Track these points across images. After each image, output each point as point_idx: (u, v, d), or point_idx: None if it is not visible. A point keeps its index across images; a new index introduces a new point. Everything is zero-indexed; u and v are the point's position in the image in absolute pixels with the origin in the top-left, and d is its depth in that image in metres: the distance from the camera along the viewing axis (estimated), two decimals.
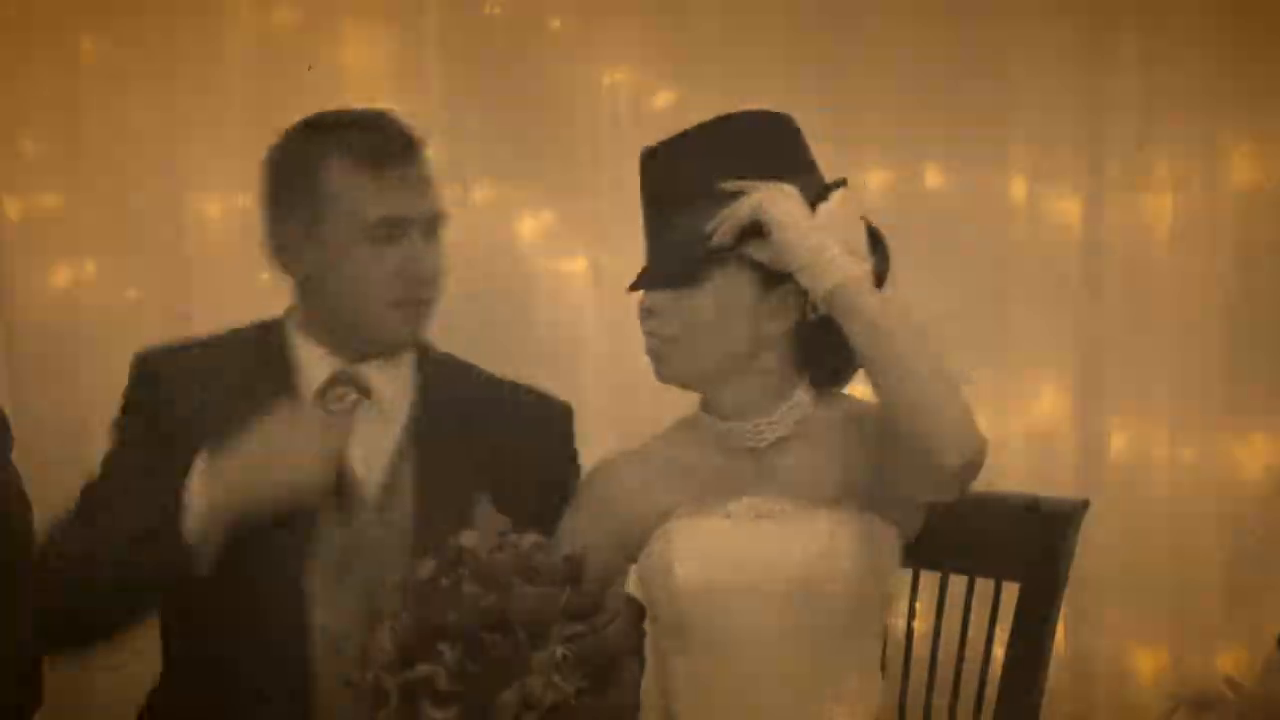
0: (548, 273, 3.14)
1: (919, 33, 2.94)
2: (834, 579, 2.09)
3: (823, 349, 2.14)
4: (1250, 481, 2.89)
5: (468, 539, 1.86)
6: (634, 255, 2.20)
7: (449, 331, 3.09)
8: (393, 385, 2.31)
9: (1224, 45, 2.82)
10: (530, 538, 1.87)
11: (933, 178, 2.98)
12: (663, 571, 2.11)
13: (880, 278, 2.14)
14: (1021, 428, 2.97)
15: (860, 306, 2.00)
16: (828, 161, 2.77)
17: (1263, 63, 2.82)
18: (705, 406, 2.19)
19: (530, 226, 3.14)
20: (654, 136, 3.03)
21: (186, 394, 2.27)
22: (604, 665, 1.80)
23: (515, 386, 2.47)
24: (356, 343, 2.29)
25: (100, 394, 2.94)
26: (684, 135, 2.16)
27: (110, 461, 2.28)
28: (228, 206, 3.12)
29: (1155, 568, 2.90)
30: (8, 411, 2.54)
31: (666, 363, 2.15)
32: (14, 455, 2.51)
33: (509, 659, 1.75)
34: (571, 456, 2.40)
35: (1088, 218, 2.91)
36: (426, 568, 1.84)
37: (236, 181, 2.93)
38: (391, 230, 2.24)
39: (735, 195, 2.09)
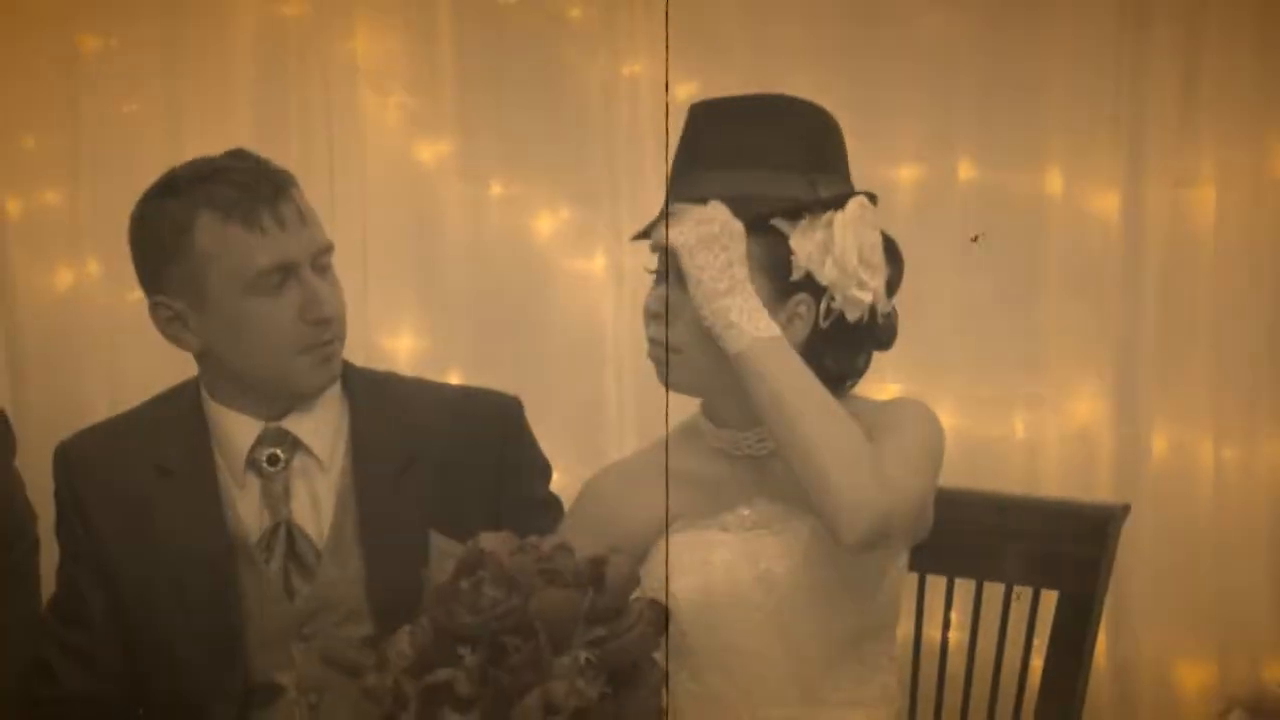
0: (566, 270, 3.10)
1: (950, 21, 2.90)
2: (833, 586, 2.07)
3: (828, 355, 2.11)
4: None
5: (487, 541, 1.82)
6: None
7: (465, 329, 3.09)
8: (324, 430, 2.25)
9: (1268, 35, 2.79)
10: (552, 540, 1.84)
11: (966, 172, 2.95)
12: (661, 587, 2.08)
13: (892, 286, 2.13)
14: (1059, 430, 2.95)
15: (763, 373, 1.99)
16: (857, 157, 2.71)
17: None
18: (706, 413, 2.16)
19: (548, 223, 3.10)
20: (675, 130, 2.98)
21: (104, 482, 2.25)
22: (627, 669, 1.78)
23: (450, 389, 2.44)
24: (273, 399, 2.23)
25: (103, 397, 2.93)
26: (742, 99, 2.13)
27: (59, 577, 2.29)
28: None
29: (1199, 574, 2.88)
30: (9, 414, 2.47)
31: (674, 374, 2.11)
32: (16, 460, 2.44)
33: (531, 663, 1.72)
34: (526, 448, 2.34)
35: (1127, 213, 2.89)
36: (446, 571, 1.81)
37: None
38: (282, 277, 2.17)
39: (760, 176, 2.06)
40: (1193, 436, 2.89)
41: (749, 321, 1.99)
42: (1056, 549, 2.38)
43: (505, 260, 3.09)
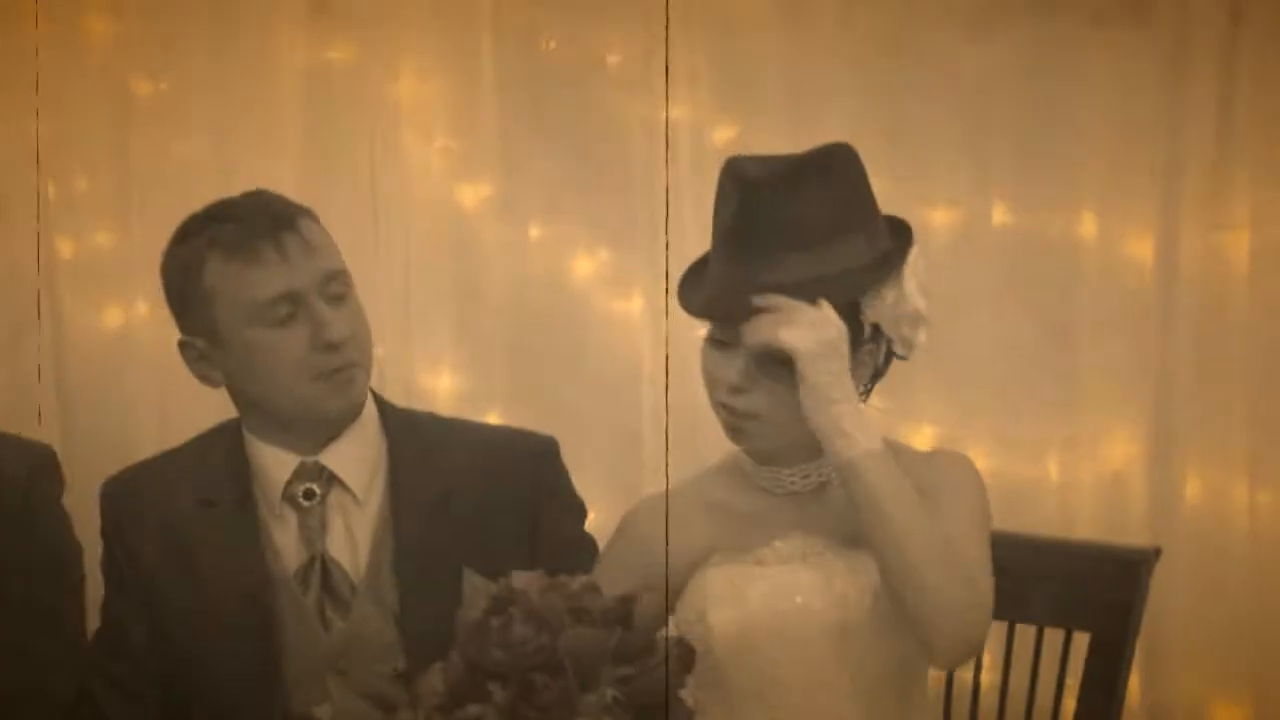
0: (604, 312, 3.10)
1: (985, 66, 2.90)
2: (869, 620, 2.06)
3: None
4: None
5: (518, 580, 1.83)
6: None
7: (505, 369, 3.09)
8: (360, 466, 2.25)
9: None
10: (581, 579, 1.85)
11: (1000, 215, 2.94)
12: (697, 620, 2.09)
13: None
14: (1092, 472, 2.92)
15: (871, 485, 1.99)
16: (894, 198, 2.73)
17: None
18: (747, 450, 2.15)
19: (586, 265, 3.11)
20: (714, 174, 3.01)
21: (148, 517, 2.27)
22: (655, 707, 1.77)
23: (487, 429, 2.44)
24: (304, 431, 2.24)
25: (151, 435, 2.95)
26: (782, 162, 2.09)
27: (104, 611, 2.32)
28: None
29: (1233, 618, 2.83)
30: (59, 454, 2.51)
31: (749, 439, 2.11)
32: (64, 499, 2.48)
33: (559, 700, 1.72)
34: (562, 489, 2.34)
35: (1162, 256, 2.87)
36: (477, 608, 1.81)
37: None
38: (290, 308, 2.18)
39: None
40: (1227, 480, 2.85)
41: (860, 431, 2.00)
42: (1089, 591, 2.38)
43: (544, 301, 3.09)
